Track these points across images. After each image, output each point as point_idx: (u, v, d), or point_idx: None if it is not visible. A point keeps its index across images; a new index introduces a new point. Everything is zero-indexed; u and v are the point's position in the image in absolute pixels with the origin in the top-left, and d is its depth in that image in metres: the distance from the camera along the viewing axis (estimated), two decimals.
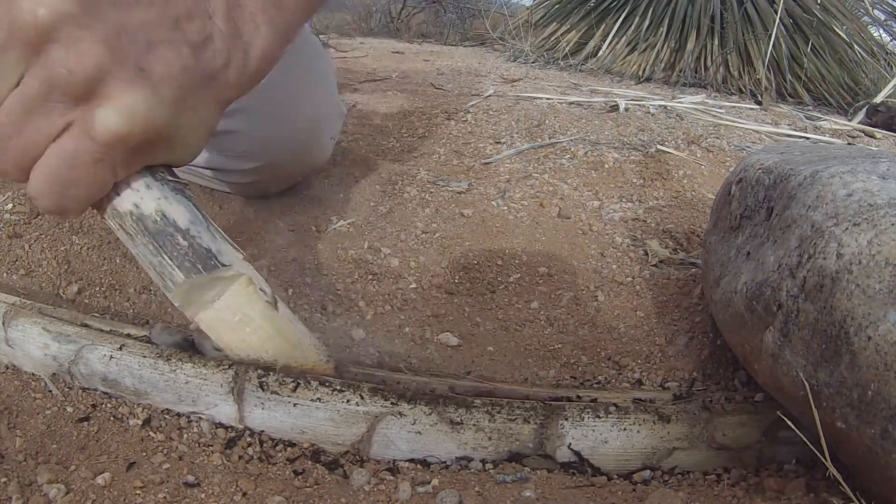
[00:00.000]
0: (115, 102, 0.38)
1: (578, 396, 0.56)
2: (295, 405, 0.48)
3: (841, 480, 0.40)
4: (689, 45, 2.10)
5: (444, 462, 0.48)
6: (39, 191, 0.41)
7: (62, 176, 0.40)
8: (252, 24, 0.44)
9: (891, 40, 2.24)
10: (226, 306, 0.47)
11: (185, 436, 0.48)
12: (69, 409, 0.49)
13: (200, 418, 0.49)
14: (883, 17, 2.26)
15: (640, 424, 0.49)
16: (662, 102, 1.59)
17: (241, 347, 0.49)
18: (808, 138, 1.42)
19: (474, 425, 0.48)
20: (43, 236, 0.72)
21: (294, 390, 0.48)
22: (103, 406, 0.50)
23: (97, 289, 0.68)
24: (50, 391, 0.51)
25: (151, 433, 0.48)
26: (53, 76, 0.37)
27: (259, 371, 0.48)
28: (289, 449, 0.48)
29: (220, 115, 0.45)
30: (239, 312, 0.47)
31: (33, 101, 0.38)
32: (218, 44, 0.42)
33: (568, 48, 2.35)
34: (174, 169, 0.46)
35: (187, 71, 0.41)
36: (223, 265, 0.46)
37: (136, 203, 0.44)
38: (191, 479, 0.44)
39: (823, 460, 0.40)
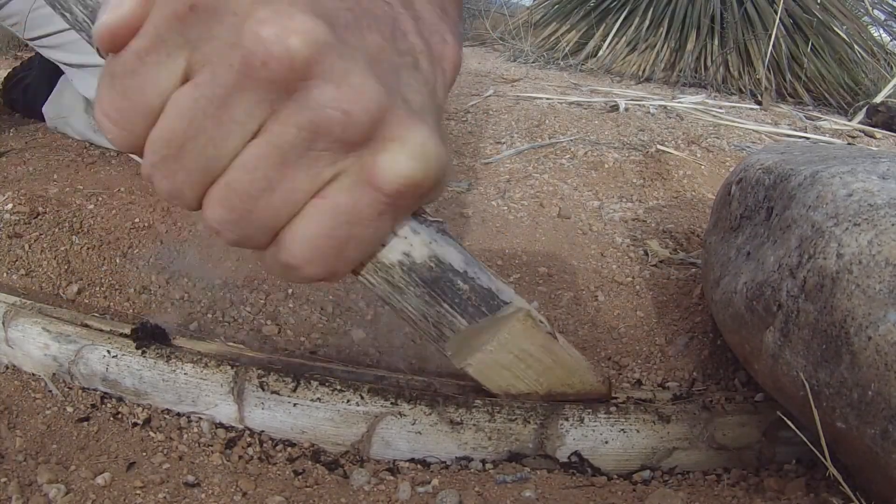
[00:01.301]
0: (404, 144, 0.32)
1: None
2: (295, 405, 0.48)
3: (841, 480, 0.40)
4: (689, 45, 2.10)
5: (444, 462, 0.48)
6: (305, 258, 0.34)
7: (337, 236, 0.33)
8: (438, 35, 0.38)
9: (891, 40, 2.24)
10: (501, 346, 0.44)
11: (185, 436, 0.48)
12: (69, 409, 0.49)
13: (200, 418, 0.49)
14: (883, 17, 2.26)
15: (639, 425, 0.49)
16: (662, 102, 1.59)
17: (512, 385, 0.47)
18: (808, 138, 1.42)
19: (474, 425, 0.48)
20: (43, 236, 0.72)
21: (294, 390, 0.48)
22: (103, 406, 0.50)
23: (97, 289, 0.68)
24: (50, 391, 0.51)
25: (151, 433, 0.48)
26: (322, 120, 0.30)
27: (259, 371, 0.49)
28: (289, 449, 0.48)
29: None
30: (516, 349, 0.45)
31: (289, 152, 0.31)
32: (423, 63, 0.36)
33: (568, 48, 2.35)
34: None
35: (432, 97, 0.35)
36: (505, 303, 0.43)
37: (405, 252, 0.39)
38: (191, 479, 0.44)
39: (823, 460, 0.40)
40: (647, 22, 2.22)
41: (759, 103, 1.82)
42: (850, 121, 1.67)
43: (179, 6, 0.29)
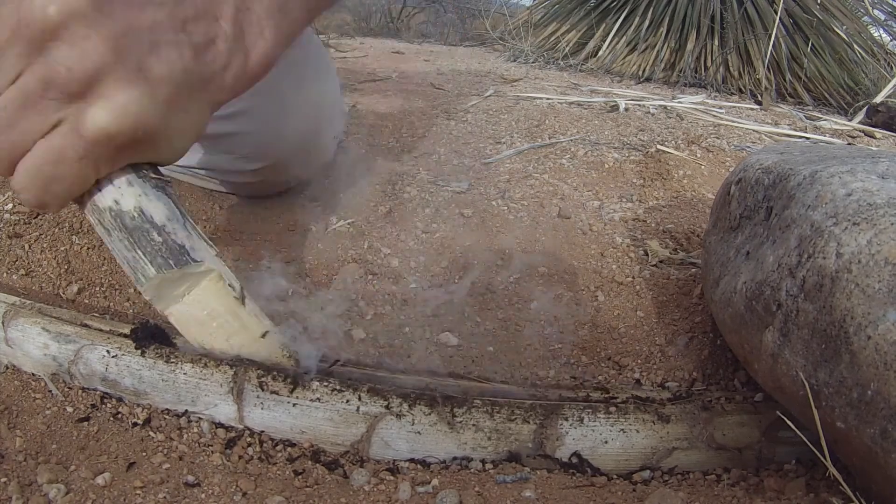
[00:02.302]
0: (109, 101, 0.39)
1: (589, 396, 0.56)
2: (294, 405, 0.48)
3: (841, 480, 0.40)
4: (689, 45, 2.10)
5: (444, 462, 0.48)
6: (22, 185, 0.41)
7: (46, 171, 0.40)
8: (257, 27, 0.44)
9: (891, 40, 2.24)
10: (195, 301, 0.48)
11: (185, 436, 0.48)
12: (69, 409, 0.49)
13: (200, 418, 0.49)
14: (883, 17, 2.26)
15: (639, 425, 0.49)
16: (662, 102, 1.59)
17: (206, 341, 0.49)
18: (808, 138, 1.41)
19: (474, 425, 0.48)
20: (43, 236, 0.72)
21: (293, 390, 0.48)
22: (103, 406, 0.50)
23: (97, 289, 0.68)
24: (50, 391, 0.51)
25: (151, 433, 0.48)
26: (52, 73, 0.38)
27: (259, 371, 0.49)
28: (289, 449, 0.48)
29: (211, 117, 0.46)
30: (207, 307, 0.48)
31: (29, 98, 0.38)
32: (220, 46, 0.43)
33: (568, 48, 2.35)
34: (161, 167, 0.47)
35: (186, 73, 0.41)
36: (195, 261, 0.47)
37: (115, 199, 0.45)
38: (191, 479, 0.44)
39: (823, 460, 0.40)
40: (647, 22, 2.22)
41: (759, 103, 1.82)
42: (850, 121, 1.67)
43: None
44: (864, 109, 1.68)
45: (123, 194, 0.45)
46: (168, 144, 0.44)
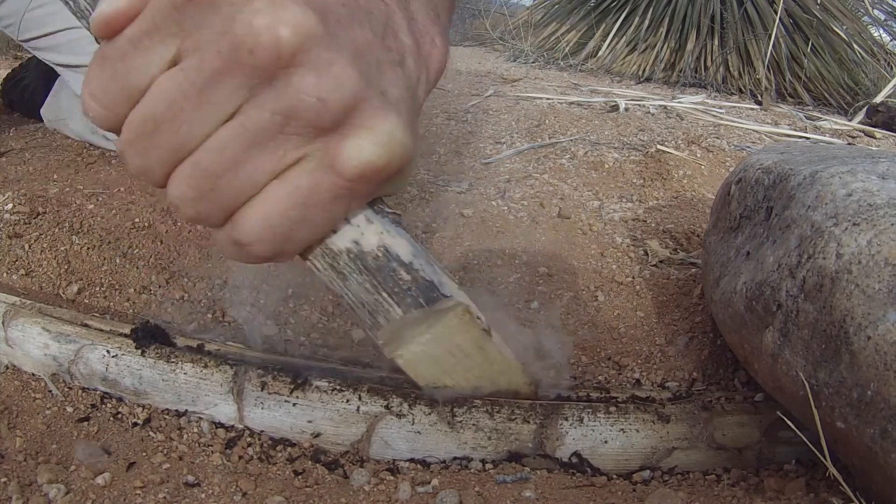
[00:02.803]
0: (372, 132, 0.33)
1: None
2: (294, 405, 0.48)
3: (841, 480, 0.40)
4: (689, 45, 2.10)
5: (444, 462, 0.48)
6: (257, 236, 0.35)
7: (291, 216, 0.35)
8: (428, 36, 0.40)
9: (891, 40, 2.24)
10: (435, 339, 0.44)
11: (185, 436, 0.48)
12: (69, 409, 0.49)
13: (200, 418, 0.49)
14: (883, 17, 2.26)
15: (639, 424, 0.49)
16: (662, 102, 1.59)
17: (440, 379, 0.46)
18: (808, 138, 1.42)
19: (474, 425, 0.48)
20: (43, 236, 0.72)
21: (293, 390, 0.48)
22: (103, 406, 0.50)
23: (97, 289, 0.68)
24: (50, 391, 0.51)
25: (151, 433, 0.48)
26: (298, 106, 0.32)
27: (259, 370, 0.49)
28: (289, 449, 0.48)
29: None
30: (448, 343, 0.45)
31: (260, 136, 0.33)
32: (409, 62, 0.38)
33: (568, 48, 2.35)
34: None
35: (409, 92, 0.37)
36: (445, 297, 0.44)
37: (355, 240, 0.40)
38: (191, 479, 0.44)
39: (823, 460, 0.40)
40: (647, 22, 2.22)
41: (759, 103, 1.82)
42: (850, 121, 1.67)
43: None
44: (864, 109, 1.68)
45: (364, 233, 0.40)
46: (411, 171, 0.39)
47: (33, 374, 0.52)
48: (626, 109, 1.49)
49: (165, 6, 0.31)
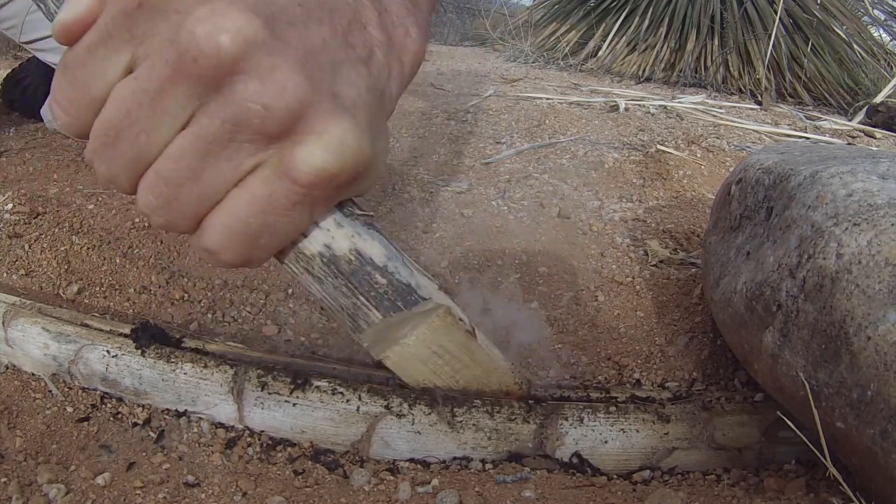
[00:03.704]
0: (322, 137, 0.33)
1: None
2: (294, 405, 0.48)
3: (841, 480, 0.40)
4: (689, 45, 2.10)
5: (444, 462, 0.48)
6: (221, 244, 0.35)
7: (253, 224, 0.35)
8: (402, 28, 0.40)
9: (891, 40, 2.24)
10: (420, 341, 0.44)
11: (185, 436, 0.48)
12: (69, 409, 0.49)
13: (200, 418, 0.49)
14: (883, 17, 2.26)
15: (639, 425, 0.49)
16: (662, 102, 1.59)
17: (429, 379, 0.47)
18: (808, 138, 1.42)
19: (474, 425, 0.48)
20: (43, 236, 0.72)
21: (293, 390, 0.48)
22: (103, 406, 0.50)
23: (97, 289, 0.68)
24: (50, 391, 0.51)
25: (151, 433, 0.48)
26: (244, 113, 0.32)
27: (259, 371, 0.49)
28: (289, 449, 0.48)
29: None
30: (434, 344, 0.45)
31: (214, 143, 0.33)
32: (379, 56, 0.38)
33: (568, 48, 2.35)
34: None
35: (370, 91, 0.36)
36: (423, 299, 0.43)
37: (326, 244, 0.40)
38: (191, 479, 0.44)
39: (823, 460, 0.40)
40: (646, 22, 2.22)
41: (759, 103, 1.82)
42: (850, 121, 1.67)
43: (129, 4, 0.31)
44: (864, 109, 1.68)
45: (334, 237, 0.40)
46: (374, 173, 0.38)
47: (33, 374, 0.52)
48: (626, 109, 1.49)
49: (117, 13, 0.31)
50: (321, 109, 0.33)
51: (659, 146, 1.17)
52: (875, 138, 1.51)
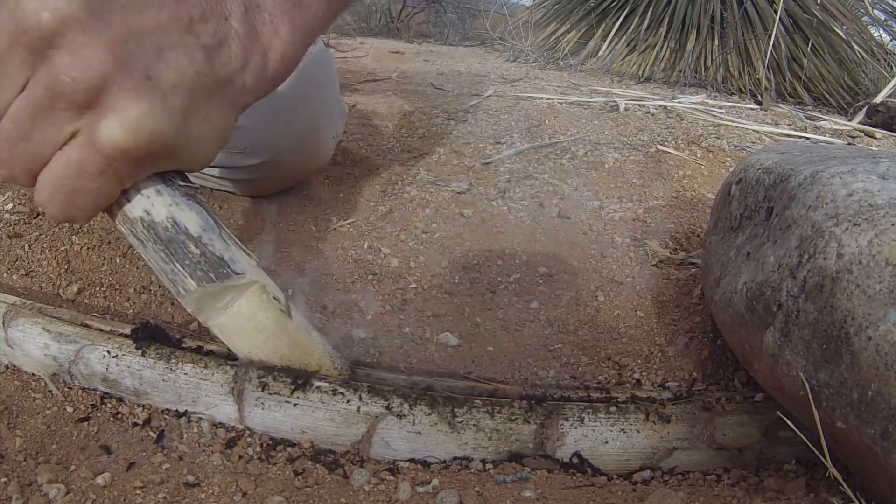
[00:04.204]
0: (120, 114, 0.37)
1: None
2: (295, 405, 0.48)
3: (841, 480, 0.40)
4: (689, 45, 2.10)
5: (444, 462, 0.48)
6: (46, 199, 0.40)
7: (67, 185, 0.39)
8: (271, 25, 0.42)
9: (891, 40, 2.24)
10: (238, 313, 0.46)
11: (186, 436, 0.48)
12: (69, 409, 0.49)
13: (200, 418, 0.49)
14: (883, 17, 2.26)
15: (639, 425, 0.49)
16: (662, 102, 1.59)
17: (253, 353, 0.48)
18: (808, 138, 1.42)
19: (474, 425, 0.48)
20: (43, 236, 0.72)
21: (294, 391, 0.48)
22: (103, 406, 0.50)
23: (97, 289, 0.68)
24: (50, 391, 0.51)
25: (151, 433, 0.48)
26: (58, 83, 0.36)
27: (259, 371, 0.48)
28: (289, 449, 0.48)
29: (236, 119, 0.44)
30: (252, 320, 0.47)
31: (39, 108, 0.37)
32: (234, 47, 0.41)
33: (568, 48, 2.35)
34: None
35: (200, 77, 0.39)
36: (236, 273, 0.45)
37: (146, 210, 0.43)
38: (191, 479, 0.44)
39: (823, 460, 0.40)
40: (646, 22, 2.22)
41: (759, 103, 1.82)
42: (850, 121, 1.67)
43: None
44: (864, 109, 1.68)
45: (153, 204, 0.43)
46: (191, 153, 0.41)
47: (33, 374, 0.52)
48: (626, 109, 1.49)
49: None
50: (124, 87, 0.36)
51: (659, 146, 1.17)
52: (875, 138, 1.51)
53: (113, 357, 0.50)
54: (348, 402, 0.48)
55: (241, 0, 0.41)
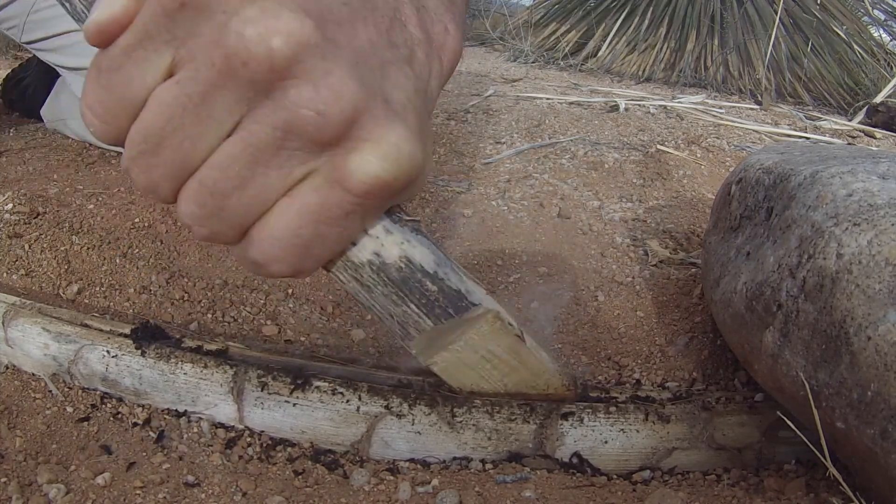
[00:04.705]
0: (377, 144, 0.32)
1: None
2: (294, 405, 0.48)
3: (841, 480, 0.40)
4: (689, 45, 2.10)
5: (444, 462, 0.48)
6: (271, 255, 0.34)
7: (305, 236, 0.34)
8: (440, 25, 0.38)
9: (891, 40, 2.24)
10: (468, 346, 0.44)
11: (185, 436, 0.48)
12: (69, 409, 0.49)
13: (200, 418, 0.49)
14: (883, 17, 2.26)
15: (639, 425, 0.49)
16: (662, 102, 1.59)
17: (477, 383, 0.47)
18: (808, 138, 1.42)
19: (474, 425, 0.48)
20: (43, 236, 0.72)
21: (293, 390, 0.48)
22: (103, 406, 0.50)
23: (97, 289, 0.68)
24: (50, 391, 0.51)
25: (151, 433, 0.48)
26: (298, 120, 0.30)
27: (259, 371, 0.49)
28: (289, 449, 0.48)
29: None
30: (482, 349, 0.45)
31: (263, 151, 0.31)
32: (420, 55, 0.36)
33: (568, 48, 2.35)
34: None
35: (417, 94, 0.35)
36: (474, 305, 0.43)
37: (376, 252, 0.39)
38: (191, 479, 0.44)
39: (823, 460, 0.40)
40: (646, 22, 2.22)
41: (759, 103, 1.82)
42: (850, 121, 1.67)
43: (170, 3, 0.29)
44: (864, 109, 1.68)
45: (384, 244, 0.39)
46: (424, 179, 0.36)
47: (33, 374, 0.52)
48: (626, 109, 1.49)
49: (157, 13, 0.30)
50: (375, 115, 0.32)
51: (659, 146, 1.17)
52: (875, 138, 1.51)
53: (112, 357, 0.50)
54: (347, 401, 0.48)
55: (411, 3, 0.36)
